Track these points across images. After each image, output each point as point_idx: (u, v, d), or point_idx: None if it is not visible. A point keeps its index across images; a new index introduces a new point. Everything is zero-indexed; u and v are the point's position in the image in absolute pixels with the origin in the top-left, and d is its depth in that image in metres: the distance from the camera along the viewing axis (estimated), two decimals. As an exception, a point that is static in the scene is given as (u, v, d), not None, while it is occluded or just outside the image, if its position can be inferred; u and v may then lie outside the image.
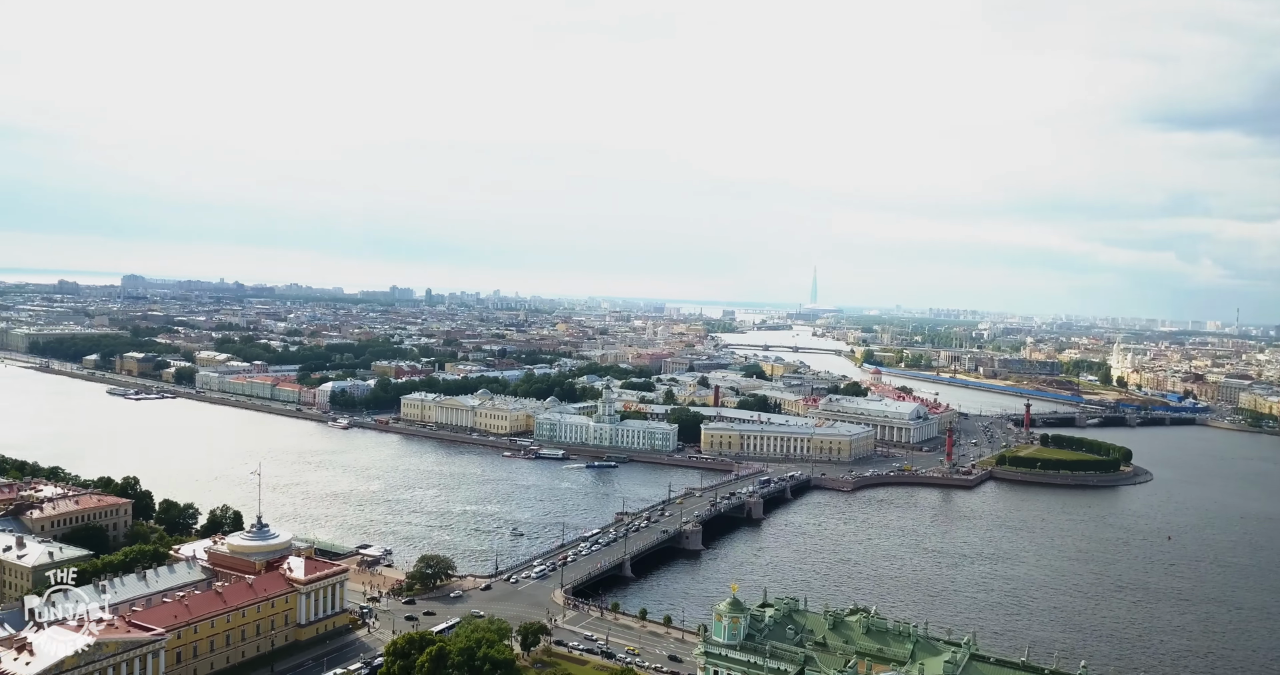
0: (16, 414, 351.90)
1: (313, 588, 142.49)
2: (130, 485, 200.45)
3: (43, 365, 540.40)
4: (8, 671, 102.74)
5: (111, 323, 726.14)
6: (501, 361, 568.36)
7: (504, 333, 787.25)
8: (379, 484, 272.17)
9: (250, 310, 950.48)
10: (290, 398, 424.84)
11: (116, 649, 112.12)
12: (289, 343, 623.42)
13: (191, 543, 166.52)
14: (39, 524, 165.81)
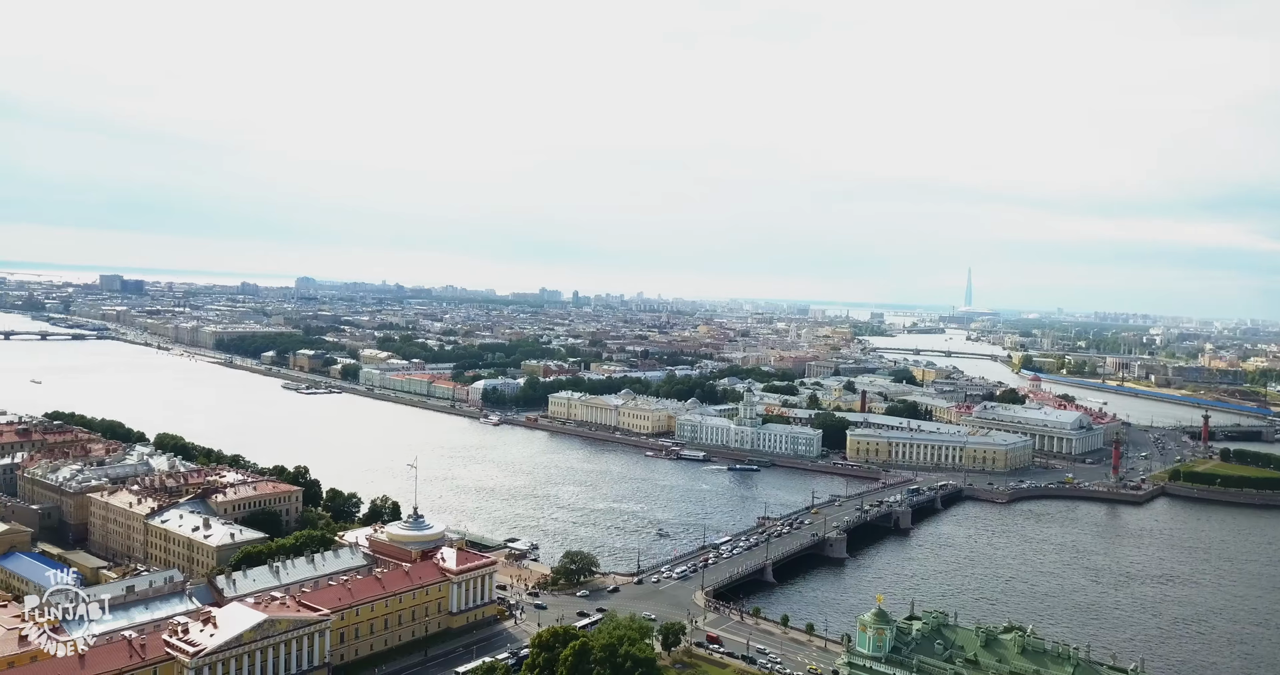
0: (205, 406, 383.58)
1: (464, 578, 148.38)
2: (301, 474, 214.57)
3: (227, 360, 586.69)
4: (195, 641, 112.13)
5: (286, 322, 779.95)
6: (644, 362, 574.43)
7: (647, 334, 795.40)
8: (526, 479, 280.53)
9: (409, 311, 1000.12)
10: (445, 394, 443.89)
11: (288, 626, 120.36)
12: (445, 342, 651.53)
13: (354, 530, 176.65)
14: (222, 507, 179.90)
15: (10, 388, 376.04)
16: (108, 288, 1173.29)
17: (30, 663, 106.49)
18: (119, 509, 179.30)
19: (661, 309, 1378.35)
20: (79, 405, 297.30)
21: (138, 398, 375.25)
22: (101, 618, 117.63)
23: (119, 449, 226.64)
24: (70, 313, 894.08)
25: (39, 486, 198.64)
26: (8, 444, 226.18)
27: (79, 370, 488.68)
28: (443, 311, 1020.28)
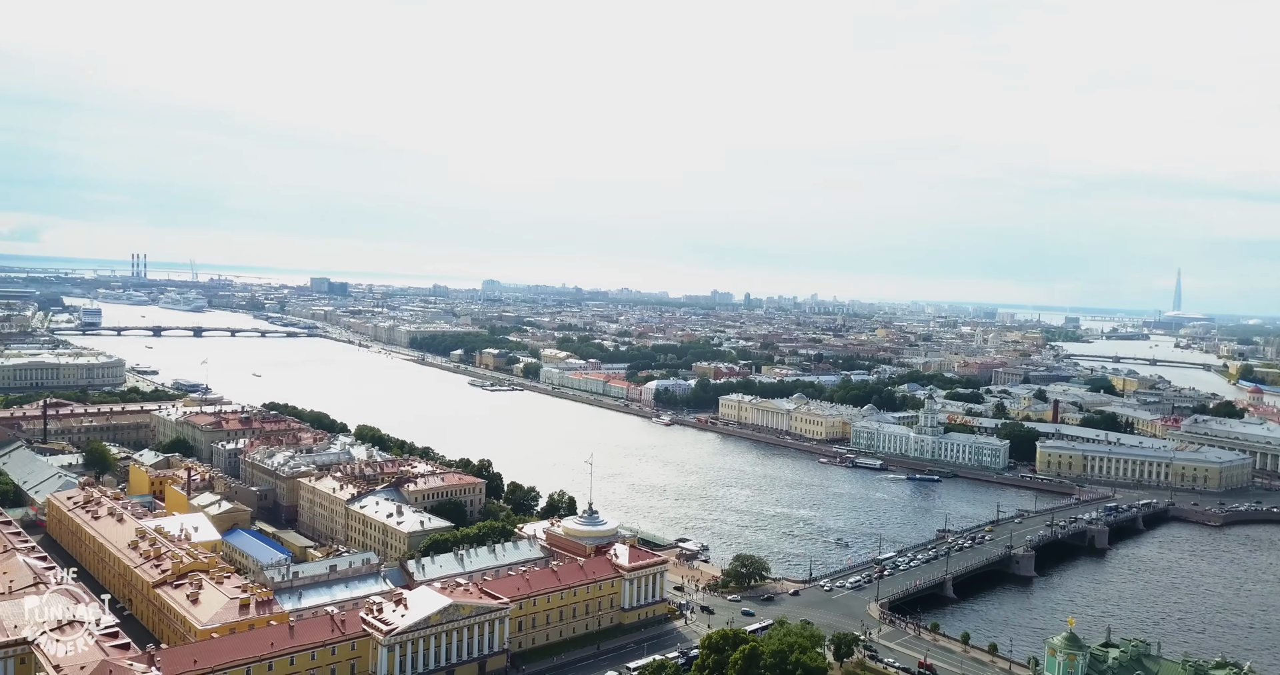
0: (400, 400, 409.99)
1: (636, 575, 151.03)
2: (484, 467, 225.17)
3: (419, 358, 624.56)
4: (388, 620, 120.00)
5: (473, 322, 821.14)
6: (818, 366, 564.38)
7: (821, 337, 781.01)
8: (696, 480, 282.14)
9: (587, 312, 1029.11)
10: (619, 394, 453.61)
11: (471, 612, 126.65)
12: (619, 343, 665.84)
13: (532, 523, 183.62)
14: (414, 496, 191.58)
15: (235, 380, 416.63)
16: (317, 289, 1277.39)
17: (248, 631, 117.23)
18: (324, 493, 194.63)
19: (836, 311, 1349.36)
20: (291, 397, 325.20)
21: (341, 391, 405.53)
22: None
23: (325, 438, 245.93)
24: (285, 312, 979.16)
25: (258, 470, 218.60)
26: (233, 431, 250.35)
27: (292, 365, 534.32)
28: (618, 313, 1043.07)
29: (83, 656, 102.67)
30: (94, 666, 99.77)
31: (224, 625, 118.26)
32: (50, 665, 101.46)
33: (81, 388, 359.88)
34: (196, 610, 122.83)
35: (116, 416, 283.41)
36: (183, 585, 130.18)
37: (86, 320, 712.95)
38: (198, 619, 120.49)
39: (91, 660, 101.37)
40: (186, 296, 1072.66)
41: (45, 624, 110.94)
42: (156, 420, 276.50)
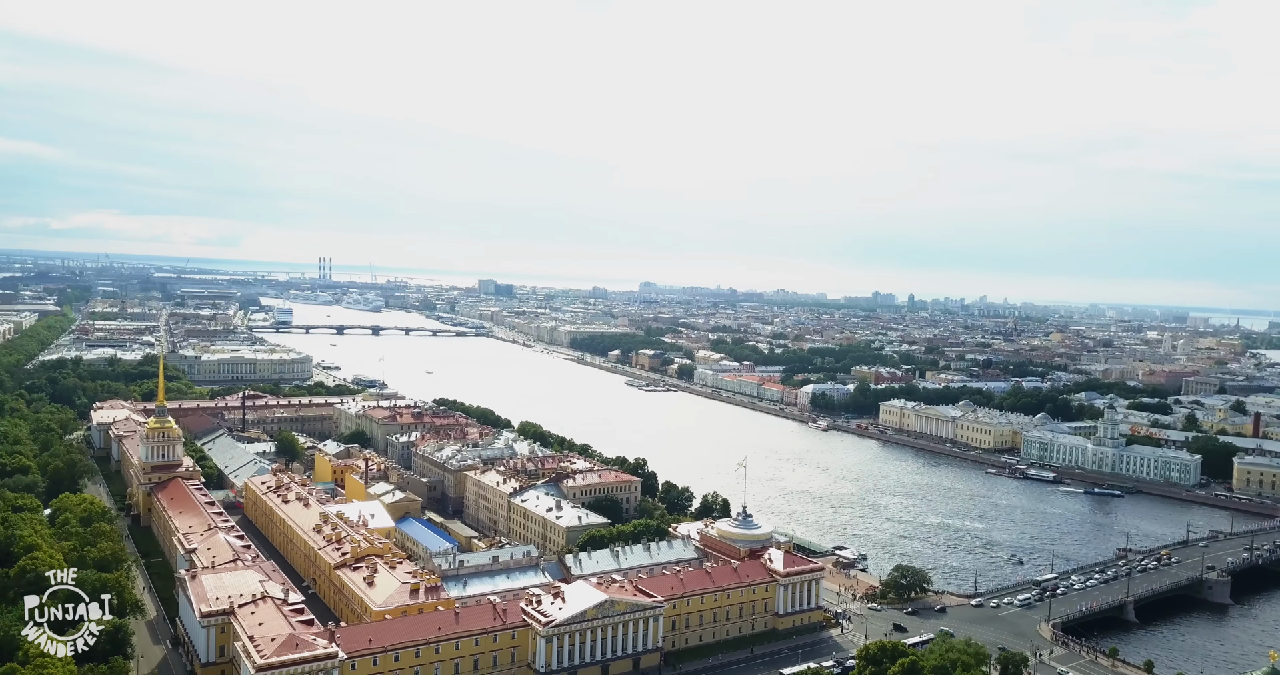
0: (560, 398, 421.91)
1: (791, 581, 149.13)
2: (640, 465, 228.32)
3: (579, 357, 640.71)
4: (546, 611, 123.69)
5: (630, 323, 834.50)
6: (986, 372, 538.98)
7: (990, 341, 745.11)
8: (853, 487, 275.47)
9: (741, 314, 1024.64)
10: (774, 397, 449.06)
11: (626, 608, 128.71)
12: (774, 345, 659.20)
13: (686, 523, 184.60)
14: (572, 492, 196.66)
15: (409, 377, 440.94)
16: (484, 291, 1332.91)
17: (418, 614, 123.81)
18: (488, 486, 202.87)
19: (1007, 314, 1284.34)
20: (460, 393, 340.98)
21: (505, 388, 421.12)
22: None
23: (490, 433, 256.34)
24: (455, 313, 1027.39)
25: (428, 462, 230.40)
26: (406, 425, 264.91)
27: (460, 363, 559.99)
28: (773, 315, 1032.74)
29: (273, 629, 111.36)
30: (283, 639, 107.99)
31: (396, 608, 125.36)
32: (245, 635, 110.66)
33: (274, 381, 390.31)
34: (372, 592, 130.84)
35: (304, 409, 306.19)
36: (360, 568, 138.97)
37: (280, 319, 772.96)
38: (373, 600, 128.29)
39: (280, 633, 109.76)
40: (366, 297, 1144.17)
41: (242, 597, 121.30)
42: (339, 413, 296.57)
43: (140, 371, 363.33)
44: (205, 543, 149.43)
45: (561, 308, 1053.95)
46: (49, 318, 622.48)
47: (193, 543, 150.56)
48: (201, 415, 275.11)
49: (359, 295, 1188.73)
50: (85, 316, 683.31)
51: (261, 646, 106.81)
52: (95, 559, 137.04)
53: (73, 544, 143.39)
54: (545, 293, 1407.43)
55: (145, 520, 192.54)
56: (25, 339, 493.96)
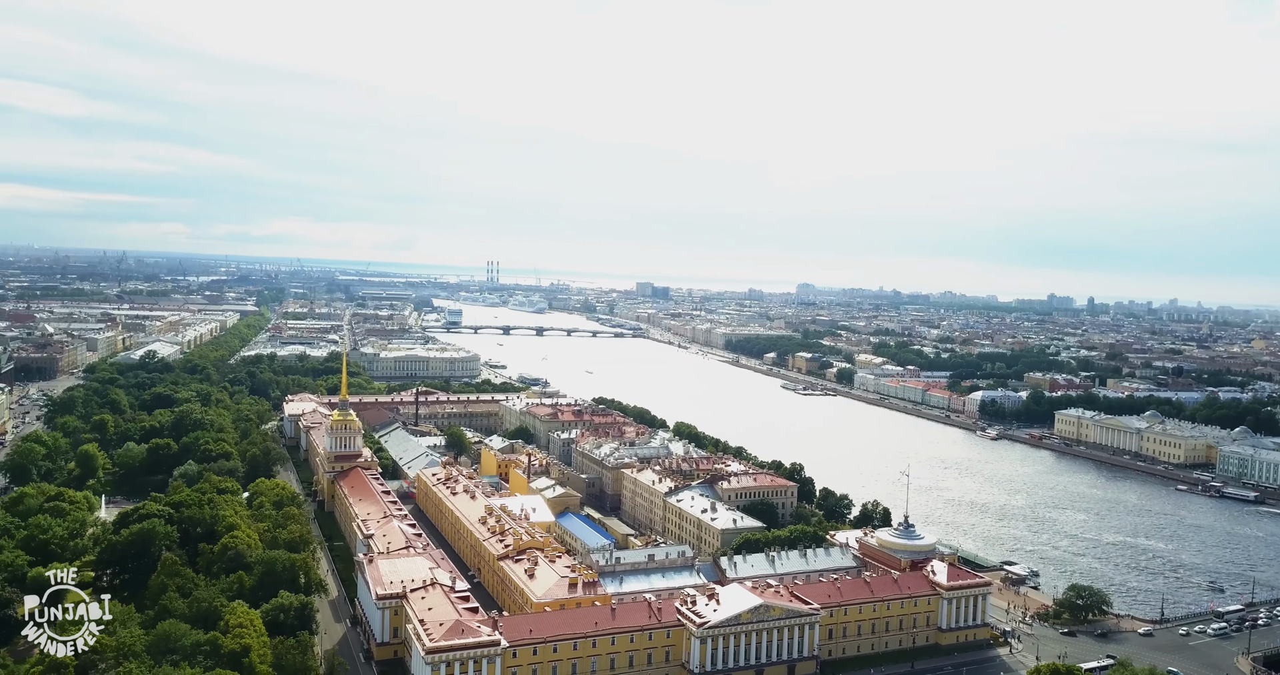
0: (714, 400, 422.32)
1: (955, 595, 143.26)
2: (796, 470, 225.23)
3: (734, 360, 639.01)
4: (700, 612, 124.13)
5: (786, 325, 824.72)
6: (1176, 381, 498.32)
7: (1180, 348, 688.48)
8: (1024, 500, 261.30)
9: (905, 317, 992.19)
10: (939, 404, 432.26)
11: (781, 614, 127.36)
12: (940, 349, 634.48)
13: (844, 531, 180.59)
14: (726, 494, 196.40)
15: (570, 376, 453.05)
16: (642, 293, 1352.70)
17: (575, 608, 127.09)
18: (644, 485, 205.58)
19: (1200, 319, 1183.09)
20: (618, 393, 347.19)
21: (661, 389, 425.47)
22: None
23: (646, 433, 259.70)
24: (613, 314, 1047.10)
25: (587, 459, 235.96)
26: (566, 422, 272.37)
27: (618, 363, 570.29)
28: (939, 318, 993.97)
29: (441, 614, 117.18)
30: (450, 624, 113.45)
31: (555, 601, 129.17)
32: (416, 618, 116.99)
33: (445, 379, 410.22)
34: (533, 584, 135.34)
35: (472, 405, 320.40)
36: (522, 560, 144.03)
37: (450, 320, 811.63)
38: (534, 592, 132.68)
39: (448, 618, 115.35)
40: (531, 299, 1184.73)
41: (413, 582, 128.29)
42: (504, 410, 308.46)
43: (326, 367, 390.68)
44: (381, 529, 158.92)
45: (717, 309, 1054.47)
46: (249, 317, 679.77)
47: (370, 529, 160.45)
48: (379, 409, 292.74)
49: (524, 297, 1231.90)
50: (279, 316, 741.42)
51: (431, 630, 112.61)
52: (286, 540, 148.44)
53: (266, 525, 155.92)
54: (701, 294, 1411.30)
55: (329, 506, 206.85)
56: (229, 336, 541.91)
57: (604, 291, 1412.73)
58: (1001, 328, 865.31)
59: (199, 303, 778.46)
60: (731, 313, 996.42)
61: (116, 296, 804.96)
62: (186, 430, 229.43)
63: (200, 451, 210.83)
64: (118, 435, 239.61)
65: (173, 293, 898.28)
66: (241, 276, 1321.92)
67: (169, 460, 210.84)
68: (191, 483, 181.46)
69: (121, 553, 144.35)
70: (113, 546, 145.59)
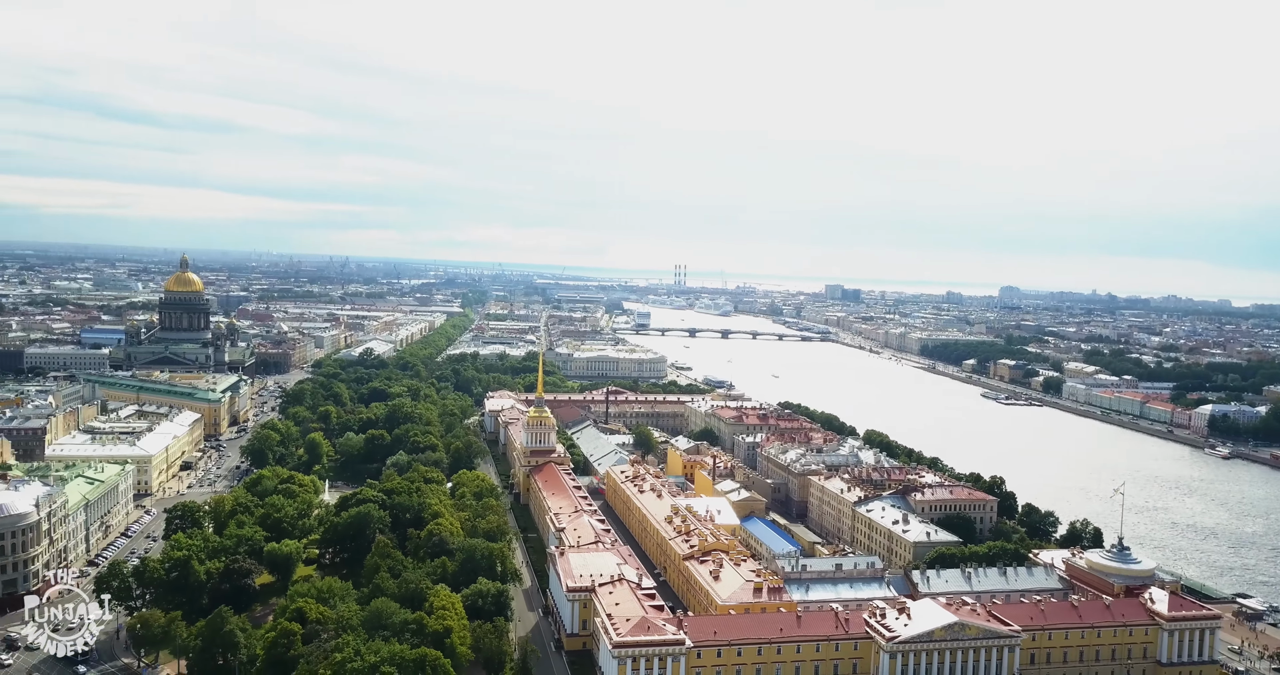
0: (908, 407, 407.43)
1: (1177, 626, 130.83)
2: (996, 484, 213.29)
3: (929, 366, 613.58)
4: (890, 626, 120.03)
5: (988, 331, 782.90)
6: None
7: None
8: (1261, 525, 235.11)
9: (1121, 323, 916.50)
10: (1160, 417, 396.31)
11: (977, 633, 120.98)
12: (1162, 359, 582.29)
13: (1049, 550, 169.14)
14: (920, 506, 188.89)
15: (755, 379, 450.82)
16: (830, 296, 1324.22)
17: (760, 613, 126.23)
18: (832, 493, 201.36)
19: None
20: (804, 397, 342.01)
21: (851, 394, 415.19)
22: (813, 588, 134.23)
23: (834, 439, 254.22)
24: (800, 317, 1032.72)
25: (772, 464, 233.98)
26: (752, 426, 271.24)
27: (805, 367, 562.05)
28: (1161, 324, 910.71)
29: (628, 610, 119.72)
30: (636, 620, 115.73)
31: (740, 604, 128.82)
32: (604, 612, 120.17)
33: (633, 379, 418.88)
34: (718, 586, 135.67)
35: (659, 406, 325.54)
36: (707, 561, 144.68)
37: (639, 322, 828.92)
38: (718, 594, 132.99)
39: (634, 614, 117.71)
40: (717, 302, 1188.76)
41: (602, 577, 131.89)
42: (689, 411, 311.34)
43: (524, 366, 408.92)
44: (572, 524, 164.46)
45: (911, 313, 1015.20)
46: (454, 318, 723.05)
47: (562, 523, 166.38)
48: (572, 407, 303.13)
49: (710, 300, 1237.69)
50: (482, 317, 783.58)
51: (618, 625, 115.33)
52: (485, 530, 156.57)
53: (467, 515, 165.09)
54: (894, 297, 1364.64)
55: (524, 499, 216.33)
56: (436, 336, 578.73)
57: (791, 294, 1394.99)
58: (1236, 336, 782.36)
59: (410, 304, 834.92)
60: (927, 316, 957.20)
61: (340, 298, 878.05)
62: (398, 422, 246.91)
63: (410, 443, 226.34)
64: (339, 425, 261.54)
65: (388, 295, 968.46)
66: (448, 280, 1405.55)
67: (382, 450, 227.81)
68: (402, 472, 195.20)
69: (341, 533, 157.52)
70: (334, 527, 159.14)
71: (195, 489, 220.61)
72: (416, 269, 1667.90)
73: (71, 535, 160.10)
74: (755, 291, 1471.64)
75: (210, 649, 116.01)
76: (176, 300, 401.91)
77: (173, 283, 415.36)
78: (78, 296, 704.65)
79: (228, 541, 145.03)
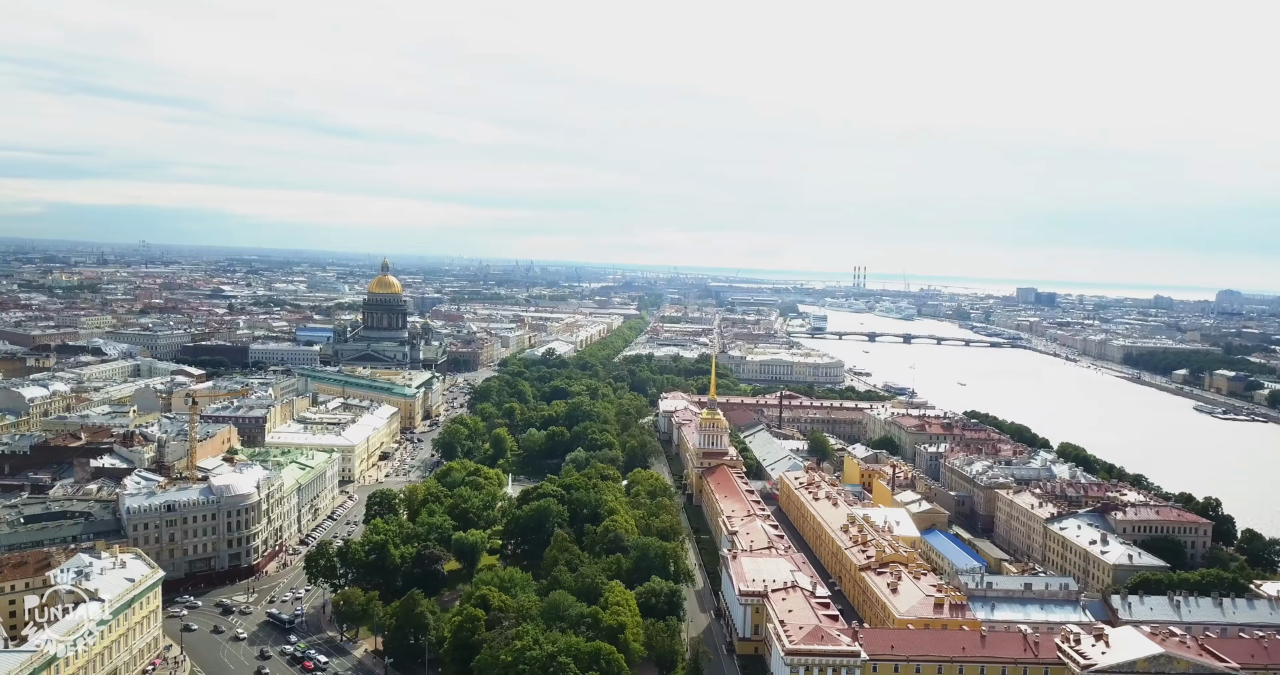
0: (1107, 419, 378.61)
1: None
2: (1211, 506, 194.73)
3: (1133, 376, 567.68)
4: (1086, 653, 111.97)
5: (1203, 338, 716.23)
6: None
7: None
8: None
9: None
10: None
11: (1186, 668, 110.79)
12: None
13: (1274, 582, 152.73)
14: (1121, 526, 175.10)
15: (939, 387, 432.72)
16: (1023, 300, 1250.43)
17: (940, 629, 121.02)
18: (1021, 508, 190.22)
19: None
20: (992, 407, 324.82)
21: (1044, 405, 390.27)
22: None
23: (1024, 452, 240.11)
24: (989, 322, 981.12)
25: (956, 476, 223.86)
26: (935, 435, 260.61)
27: (994, 375, 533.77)
28: None
29: (801, 618, 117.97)
30: (810, 629, 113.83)
31: (919, 619, 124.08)
32: (777, 619, 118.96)
33: (808, 384, 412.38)
34: (895, 599, 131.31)
35: (835, 412, 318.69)
36: (884, 573, 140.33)
37: (815, 325, 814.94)
38: (896, 608, 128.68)
39: (808, 623, 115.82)
40: (898, 305, 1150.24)
41: (774, 582, 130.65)
42: (868, 418, 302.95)
43: (697, 368, 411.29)
44: (745, 527, 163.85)
45: (1114, 318, 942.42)
46: (631, 320, 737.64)
47: (734, 526, 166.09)
48: (744, 410, 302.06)
49: (891, 303, 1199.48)
50: (657, 319, 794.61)
51: (791, 632, 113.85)
52: (658, 529, 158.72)
53: (641, 513, 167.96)
54: (1094, 302, 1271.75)
55: (697, 500, 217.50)
56: (614, 337, 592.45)
57: (979, 297, 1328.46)
58: None
59: (590, 307, 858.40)
60: (1132, 322, 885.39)
61: (525, 300, 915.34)
62: (577, 420, 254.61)
63: (588, 440, 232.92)
64: (523, 421, 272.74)
65: (569, 297, 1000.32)
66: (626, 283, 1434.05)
67: (562, 446, 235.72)
68: (580, 468, 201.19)
69: (523, 525, 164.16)
70: (516, 520, 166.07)
71: (391, 478, 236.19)
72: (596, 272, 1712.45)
73: (286, 516, 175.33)
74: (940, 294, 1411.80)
75: (403, 628, 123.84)
76: (378, 301, 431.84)
77: (375, 285, 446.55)
78: (294, 298, 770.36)
79: (420, 528, 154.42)
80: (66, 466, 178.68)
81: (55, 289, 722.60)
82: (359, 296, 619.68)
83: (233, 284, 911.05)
